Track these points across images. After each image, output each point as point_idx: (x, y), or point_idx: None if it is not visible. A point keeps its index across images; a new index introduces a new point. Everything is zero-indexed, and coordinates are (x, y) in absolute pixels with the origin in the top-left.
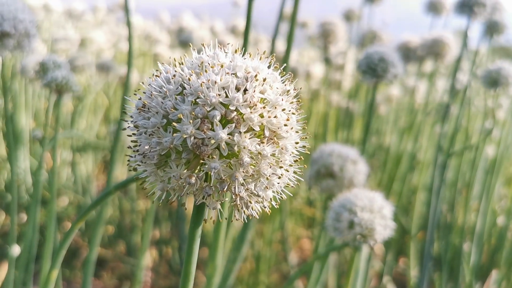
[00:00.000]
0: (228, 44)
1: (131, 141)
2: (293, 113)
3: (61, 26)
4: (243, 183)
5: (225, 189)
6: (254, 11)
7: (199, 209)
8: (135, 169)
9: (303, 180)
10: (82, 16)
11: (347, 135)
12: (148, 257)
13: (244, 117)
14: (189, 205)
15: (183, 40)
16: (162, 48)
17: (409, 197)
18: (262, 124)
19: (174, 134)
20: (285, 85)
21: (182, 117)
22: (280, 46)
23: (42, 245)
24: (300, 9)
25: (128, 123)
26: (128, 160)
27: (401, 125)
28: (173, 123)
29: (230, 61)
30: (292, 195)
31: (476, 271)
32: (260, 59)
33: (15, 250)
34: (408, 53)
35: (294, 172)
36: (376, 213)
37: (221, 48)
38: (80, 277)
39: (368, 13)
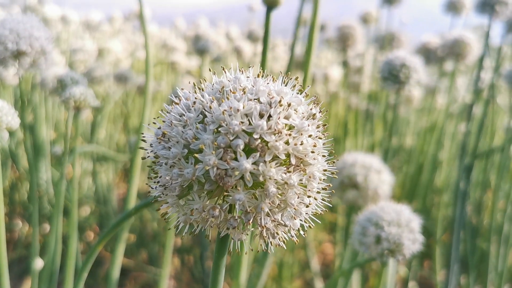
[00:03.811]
0: (249, 67)
1: (151, 170)
2: (320, 138)
3: (78, 37)
4: (269, 213)
5: (250, 221)
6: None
7: (223, 240)
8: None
9: (331, 206)
10: (99, 27)
11: (367, 138)
12: (170, 265)
13: (269, 145)
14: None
15: (199, 48)
16: (179, 55)
17: (431, 198)
18: (287, 151)
19: (196, 165)
20: (310, 108)
21: (204, 147)
22: (298, 49)
23: (65, 255)
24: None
25: (148, 153)
26: (148, 192)
27: (422, 125)
28: (195, 154)
29: (252, 85)
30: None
31: (505, 274)
32: (284, 82)
33: (38, 263)
34: (428, 55)
35: (323, 199)
36: (404, 227)
37: (242, 72)
38: (103, 286)
39: (386, 14)
